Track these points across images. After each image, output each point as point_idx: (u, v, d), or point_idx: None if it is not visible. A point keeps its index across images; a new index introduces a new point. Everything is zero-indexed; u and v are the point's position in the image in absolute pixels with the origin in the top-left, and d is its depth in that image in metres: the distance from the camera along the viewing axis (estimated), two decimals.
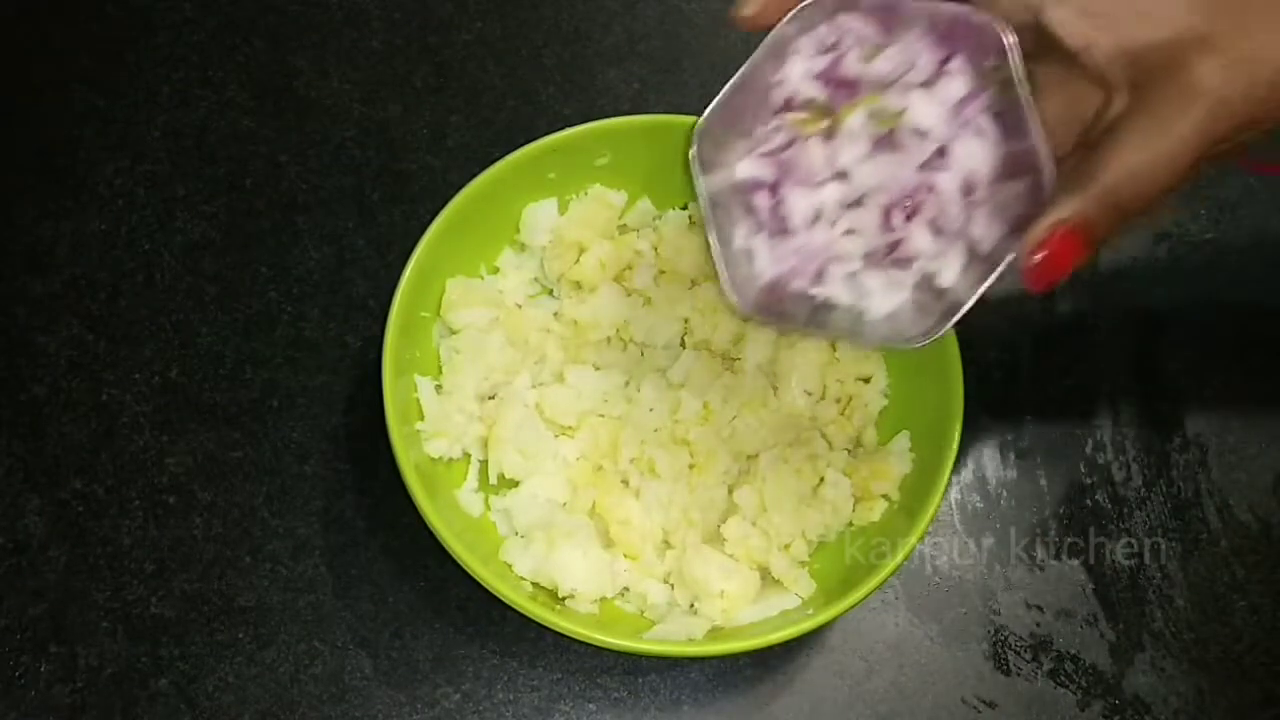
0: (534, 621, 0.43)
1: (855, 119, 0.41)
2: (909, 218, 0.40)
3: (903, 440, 0.50)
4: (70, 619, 0.50)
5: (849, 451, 0.51)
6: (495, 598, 0.43)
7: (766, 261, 0.43)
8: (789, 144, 0.42)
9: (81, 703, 0.49)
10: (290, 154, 0.60)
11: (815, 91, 0.42)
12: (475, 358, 0.51)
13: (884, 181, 0.41)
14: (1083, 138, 0.38)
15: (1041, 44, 0.38)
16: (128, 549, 0.51)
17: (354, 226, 0.59)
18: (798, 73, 0.42)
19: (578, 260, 0.53)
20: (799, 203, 0.42)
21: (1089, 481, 0.56)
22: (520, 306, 0.53)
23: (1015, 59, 0.37)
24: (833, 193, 0.42)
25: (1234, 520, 0.55)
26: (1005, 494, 0.55)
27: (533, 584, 0.47)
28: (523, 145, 0.51)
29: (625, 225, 0.55)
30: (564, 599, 0.46)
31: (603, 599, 0.47)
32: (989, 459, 0.56)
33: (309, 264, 0.58)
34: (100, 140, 0.60)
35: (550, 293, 0.55)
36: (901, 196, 0.40)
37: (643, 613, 0.48)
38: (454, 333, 0.52)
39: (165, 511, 0.52)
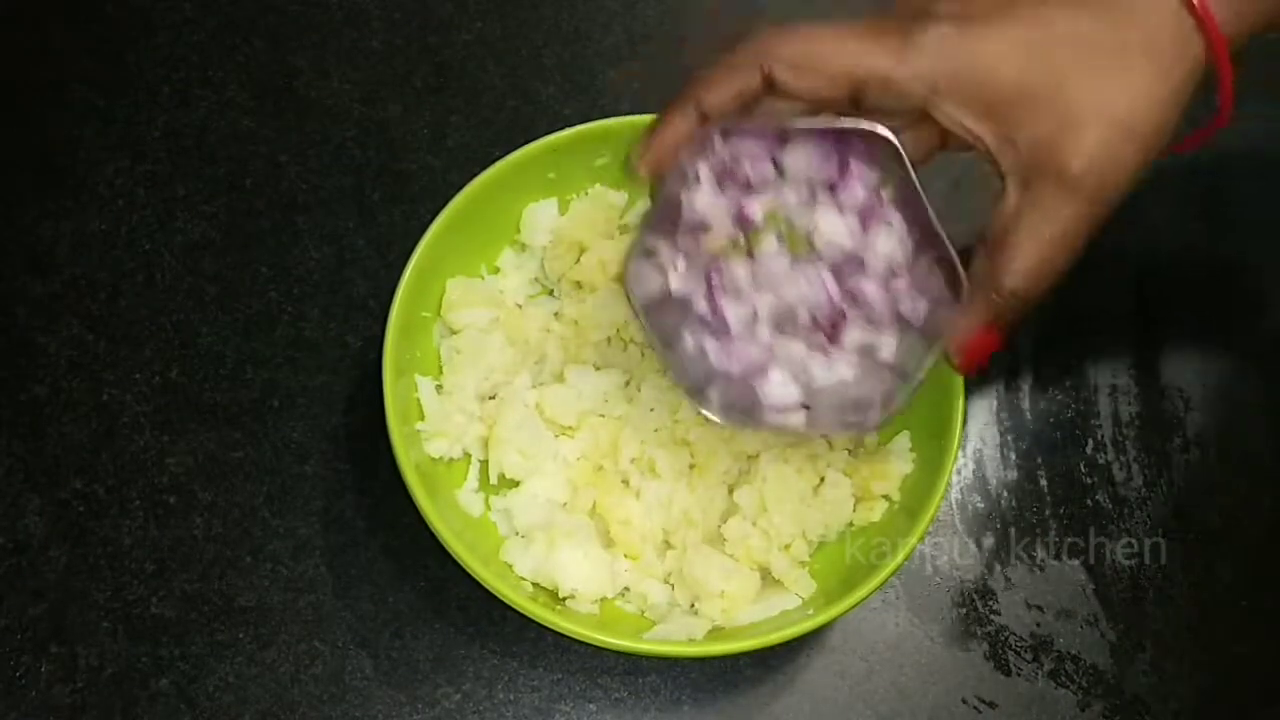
0: (534, 621, 0.43)
1: (769, 242, 0.43)
2: (838, 323, 0.43)
3: (903, 440, 0.50)
4: (70, 619, 0.50)
5: (849, 451, 0.51)
6: (495, 598, 0.43)
7: (721, 356, 0.45)
8: (715, 258, 0.44)
9: (81, 703, 0.49)
10: (290, 154, 0.60)
11: (725, 223, 0.43)
12: (475, 358, 0.51)
13: (808, 294, 0.43)
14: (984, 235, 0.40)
15: None
16: (128, 549, 0.51)
17: (354, 226, 0.59)
18: (703, 205, 0.43)
19: (578, 260, 0.53)
20: (732, 312, 0.44)
21: (1089, 481, 0.56)
22: (520, 306, 0.53)
23: (906, 159, 0.40)
24: (763, 304, 0.44)
25: (1234, 520, 0.55)
26: (1005, 494, 0.55)
27: (533, 584, 0.47)
28: (523, 145, 0.51)
29: (625, 225, 0.55)
30: (564, 599, 0.46)
31: (603, 599, 0.47)
32: (989, 459, 0.56)
33: (309, 264, 0.58)
34: (100, 140, 0.60)
35: (550, 293, 0.55)
36: (829, 308, 0.43)
37: (643, 613, 0.48)
38: (454, 333, 0.52)
39: (165, 511, 0.52)
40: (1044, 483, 0.56)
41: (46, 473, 0.53)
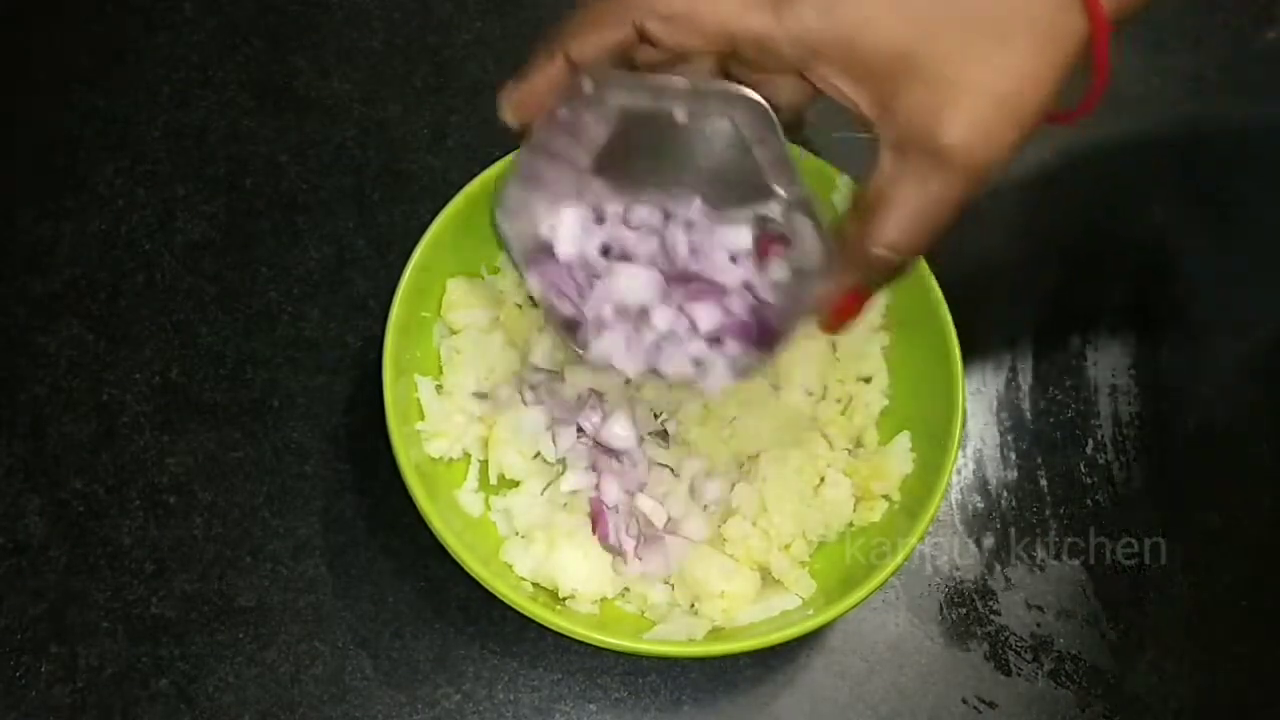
0: (534, 622, 0.43)
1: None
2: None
3: (903, 440, 0.50)
4: (70, 619, 0.50)
5: (849, 451, 0.51)
6: (495, 598, 0.43)
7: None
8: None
9: (81, 703, 0.49)
10: (290, 154, 0.60)
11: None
12: (475, 358, 0.51)
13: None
14: (860, 198, 0.39)
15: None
16: (128, 549, 0.51)
17: (354, 226, 0.59)
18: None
19: None
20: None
21: (1089, 481, 0.56)
22: (520, 306, 0.53)
23: (778, 126, 0.39)
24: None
25: (1234, 520, 0.55)
26: (1005, 494, 0.55)
27: (533, 584, 0.47)
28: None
29: None
30: (564, 599, 0.46)
31: (603, 599, 0.47)
32: (989, 459, 0.56)
33: (309, 264, 0.58)
34: (100, 140, 0.60)
35: None
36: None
37: (643, 613, 0.48)
38: (454, 333, 0.52)
39: (165, 511, 0.52)
40: (1044, 483, 0.56)
41: (46, 473, 0.53)
